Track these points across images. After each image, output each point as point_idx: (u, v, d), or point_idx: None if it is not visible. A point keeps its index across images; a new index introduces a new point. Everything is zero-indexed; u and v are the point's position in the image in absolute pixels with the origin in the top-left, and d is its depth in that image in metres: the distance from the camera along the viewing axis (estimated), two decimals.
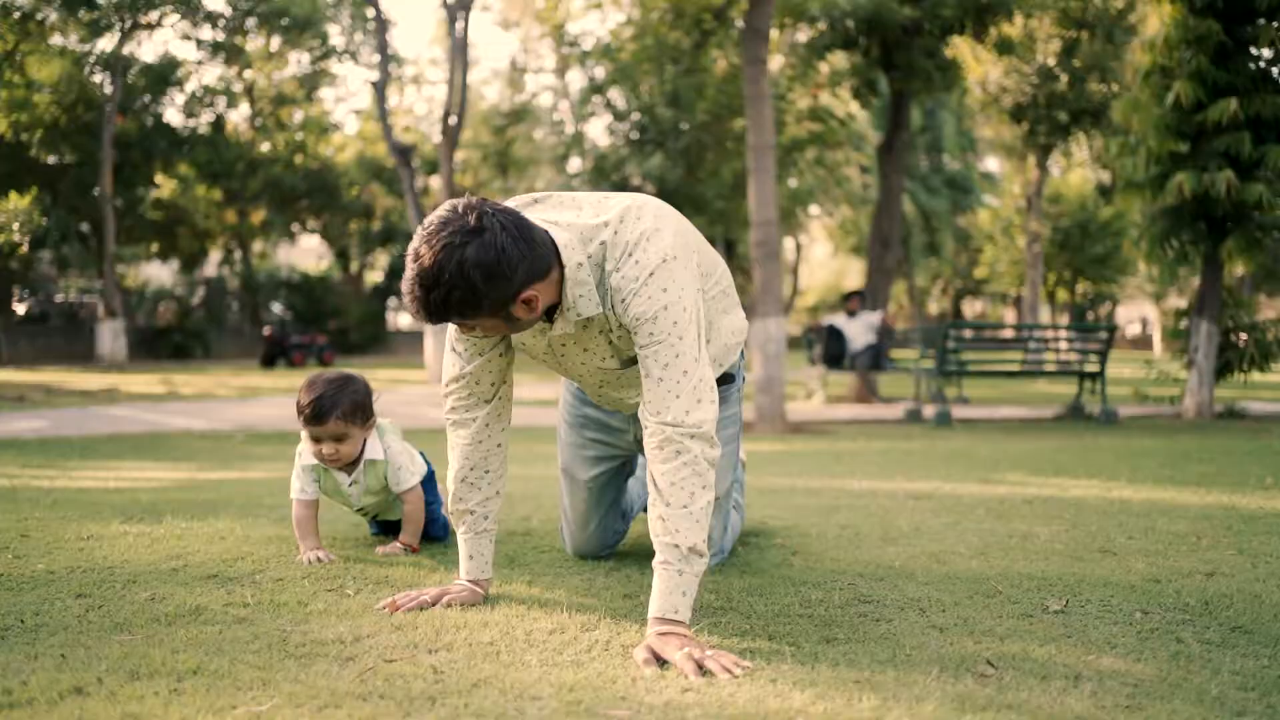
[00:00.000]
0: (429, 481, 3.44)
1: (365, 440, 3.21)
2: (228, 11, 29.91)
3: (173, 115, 32.06)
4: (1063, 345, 14.24)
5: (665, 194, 16.97)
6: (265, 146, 33.72)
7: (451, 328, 2.66)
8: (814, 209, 39.00)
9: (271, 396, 16.03)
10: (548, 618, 2.53)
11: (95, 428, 10.41)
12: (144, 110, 30.59)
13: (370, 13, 32.39)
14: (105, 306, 25.22)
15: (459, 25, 18.59)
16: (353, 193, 35.64)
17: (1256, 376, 12.57)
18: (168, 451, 8.56)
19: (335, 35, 32.88)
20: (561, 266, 2.34)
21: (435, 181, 35.52)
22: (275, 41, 32.34)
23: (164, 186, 31.60)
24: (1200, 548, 3.43)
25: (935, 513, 4.15)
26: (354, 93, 64.49)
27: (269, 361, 26.21)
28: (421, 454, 3.40)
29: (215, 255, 36.75)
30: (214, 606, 2.59)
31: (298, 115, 34.87)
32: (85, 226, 31.04)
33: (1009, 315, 50.49)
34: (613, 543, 3.30)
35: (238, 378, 21.23)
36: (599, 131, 32.30)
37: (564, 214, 2.43)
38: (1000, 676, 2.08)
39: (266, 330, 27.55)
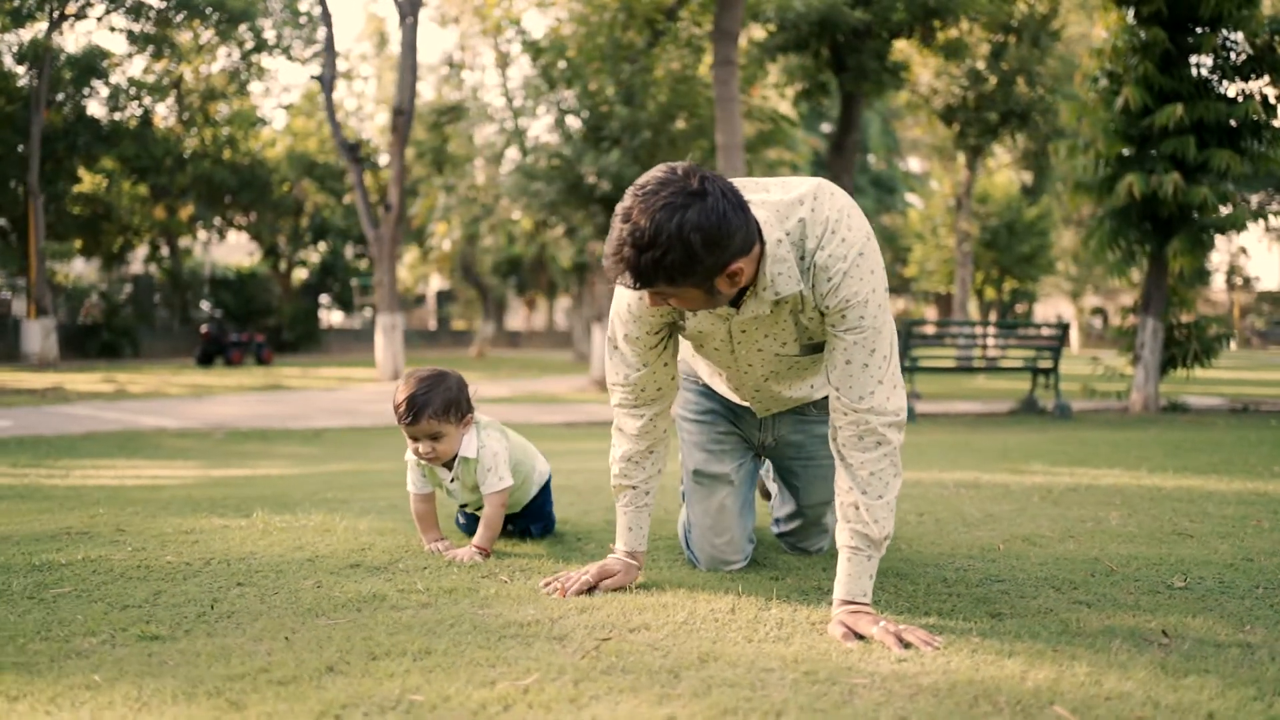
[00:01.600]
0: (546, 485, 3.49)
1: (463, 436, 3.18)
2: (157, 3, 29.21)
3: (96, 108, 31.23)
4: (992, 342, 14.68)
5: (622, 191, 16.94)
6: (193, 141, 33.02)
7: (617, 331, 2.67)
8: None
9: (224, 395, 15.80)
10: (718, 600, 2.61)
11: (64, 427, 10.20)
12: (67, 103, 29.76)
13: (303, 5, 31.95)
14: (35, 304, 24.50)
15: (409, 22, 18.48)
16: (284, 189, 35.11)
17: (1190, 371, 13.02)
18: (153, 450, 8.45)
19: (267, 29, 32.31)
20: (762, 243, 2.30)
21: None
22: (206, 34, 31.68)
23: (87, 181, 30.76)
24: (1265, 530, 3.63)
25: (994, 500, 4.32)
26: (285, 88, 63.07)
27: (206, 360, 25.65)
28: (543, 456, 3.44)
29: (140, 251, 35.91)
30: (390, 593, 2.63)
31: (224, 110, 34.19)
32: (3, 221, 30.12)
33: (931, 313, 51.49)
34: (750, 550, 3.09)
35: (179, 376, 20.83)
36: (540, 129, 32.30)
37: (753, 194, 2.36)
38: (1180, 645, 2.22)
39: (203, 328, 26.92)
